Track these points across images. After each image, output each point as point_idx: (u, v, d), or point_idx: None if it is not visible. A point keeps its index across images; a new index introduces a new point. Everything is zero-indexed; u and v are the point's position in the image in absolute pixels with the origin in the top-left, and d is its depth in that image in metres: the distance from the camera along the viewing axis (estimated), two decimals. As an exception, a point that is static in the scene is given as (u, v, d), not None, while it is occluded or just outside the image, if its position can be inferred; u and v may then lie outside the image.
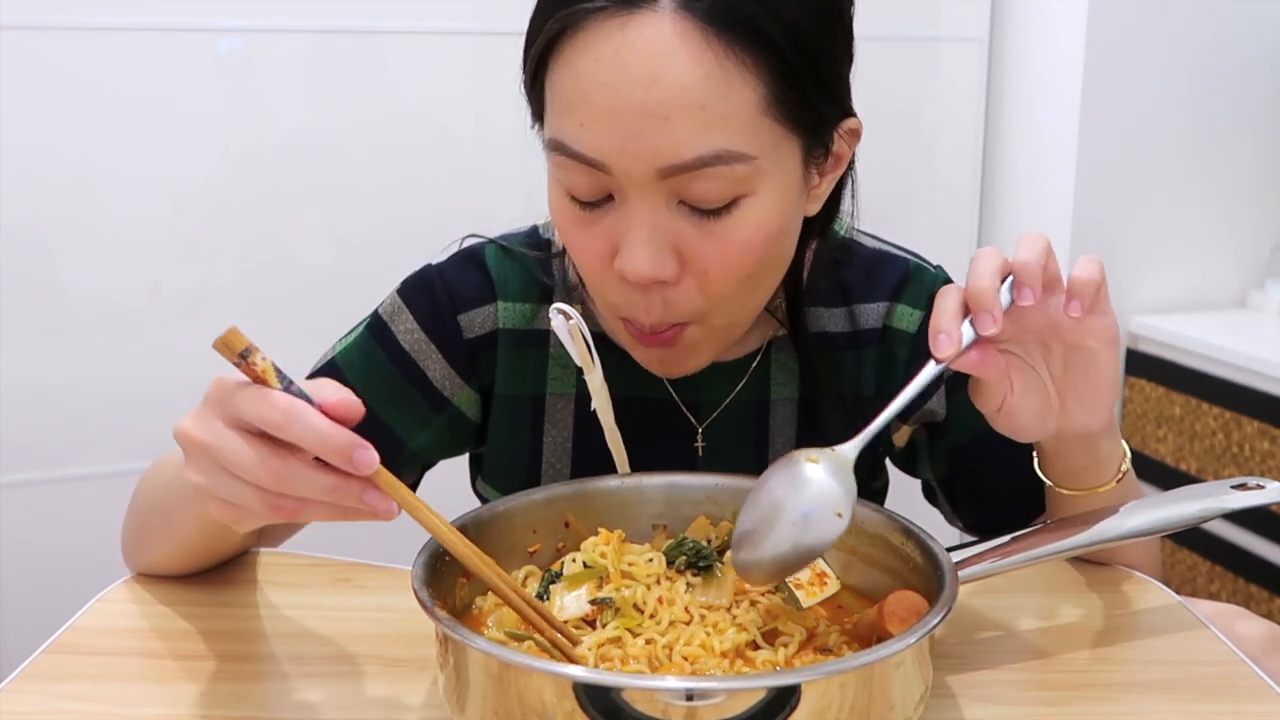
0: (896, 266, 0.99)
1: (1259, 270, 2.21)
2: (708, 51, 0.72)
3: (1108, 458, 0.85)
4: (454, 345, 0.95)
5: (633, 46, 0.72)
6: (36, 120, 1.71)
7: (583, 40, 0.74)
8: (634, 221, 0.77)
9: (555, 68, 0.77)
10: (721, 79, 0.73)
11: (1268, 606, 1.91)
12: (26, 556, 1.83)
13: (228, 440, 0.62)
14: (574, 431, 0.97)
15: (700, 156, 0.73)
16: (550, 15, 0.76)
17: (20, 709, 0.72)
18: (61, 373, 1.81)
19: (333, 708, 0.73)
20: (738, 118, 0.74)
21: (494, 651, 0.61)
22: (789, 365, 0.97)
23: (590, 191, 0.78)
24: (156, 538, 0.88)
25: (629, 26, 0.73)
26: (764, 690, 0.58)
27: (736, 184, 0.75)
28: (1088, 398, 0.78)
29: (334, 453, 0.61)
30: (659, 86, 0.72)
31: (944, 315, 0.72)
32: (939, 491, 1.03)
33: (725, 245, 0.77)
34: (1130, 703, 0.75)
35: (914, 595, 0.71)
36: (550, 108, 0.79)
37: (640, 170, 0.74)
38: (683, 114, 0.72)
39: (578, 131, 0.75)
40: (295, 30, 1.80)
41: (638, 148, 0.73)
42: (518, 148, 1.88)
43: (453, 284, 0.96)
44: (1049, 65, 2.08)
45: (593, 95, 0.74)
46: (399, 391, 0.95)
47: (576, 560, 0.77)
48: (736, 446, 0.97)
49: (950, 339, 0.71)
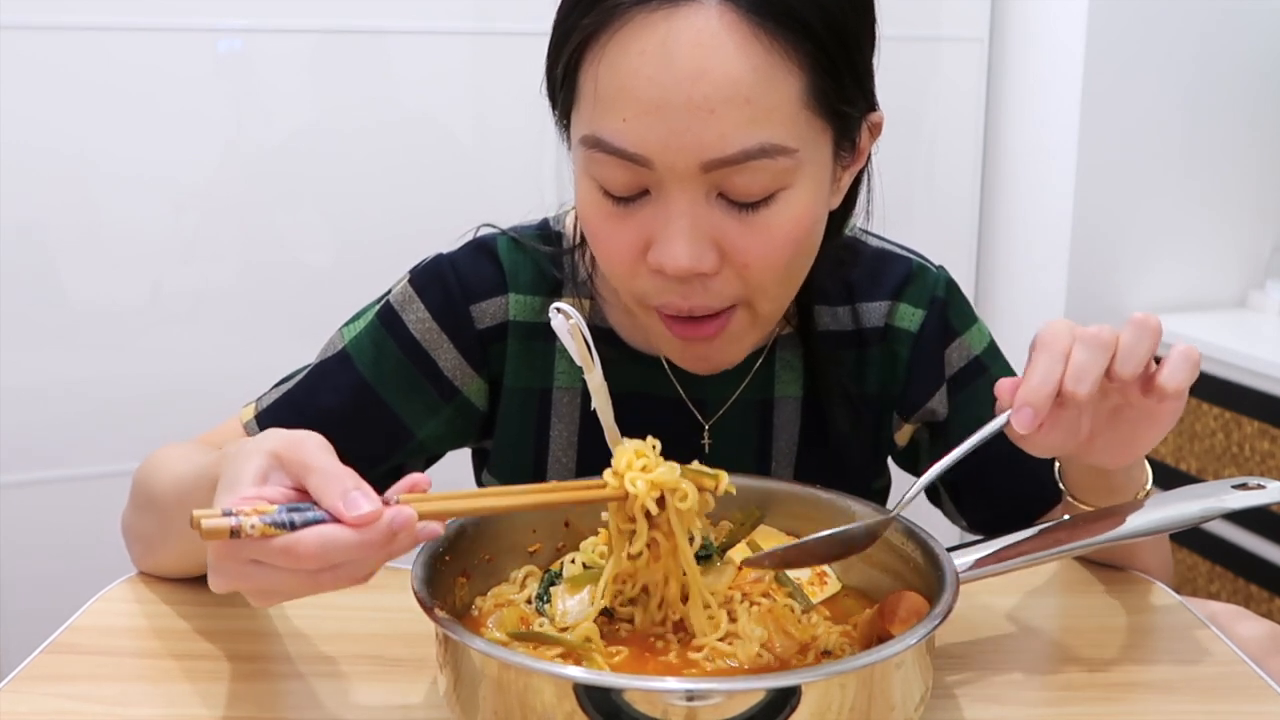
0: (899, 266, 0.99)
1: (1259, 270, 2.20)
2: (754, 44, 0.72)
3: (1126, 484, 0.85)
4: (466, 335, 0.95)
5: (679, 39, 0.72)
6: (36, 120, 1.71)
7: (625, 34, 0.73)
8: (673, 214, 0.76)
9: (593, 62, 0.75)
10: (767, 72, 0.72)
11: (1267, 606, 1.91)
12: (26, 556, 1.83)
13: (269, 576, 0.61)
14: (580, 426, 0.97)
15: (745, 150, 0.73)
16: (588, 10, 0.75)
17: (20, 709, 0.72)
18: (61, 373, 1.81)
19: (332, 708, 0.73)
20: (781, 111, 0.74)
21: (494, 653, 0.61)
22: (793, 363, 0.97)
23: (627, 187, 0.77)
24: (163, 545, 0.87)
25: (674, 19, 0.72)
26: (764, 691, 0.58)
27: (777, 177, 0.75)
28: (1118, 449, 0.78)
29: (379, 545, 0.60)
30: (705, 80, 0.72)
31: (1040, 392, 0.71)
32: (943, 491, 1.02)
33: (766, 238, 0.77)
34: (1131, 703, 0.75)
35: (915, 596, 0.71)
36: (585, 103, 0.77)
37: (684, 164, 0.74)
38: (729, 107, 0.72)
39: (620, 126, 0.74)
40: (295, 30, 1.80)
41: (682, 142, 0.73)
42: (517, 147, 1.89)
43: (465, 274, 0.95)
44: (1049, 65, 2.08)
45: (637, 90, 0.73)
46: (409, 381, 0.94)
47: (576, 561, 0.77)
48: (740, 444, 0.97)
49: (1037, 417, 0.71)
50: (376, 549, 0.61)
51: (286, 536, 0.59)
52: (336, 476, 0.61)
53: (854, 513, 0.81)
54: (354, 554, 0.60)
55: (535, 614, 0.76)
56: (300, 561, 0.59)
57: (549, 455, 0.98)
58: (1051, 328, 0.74)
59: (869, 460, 1.02)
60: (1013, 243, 2.21)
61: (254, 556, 0.60)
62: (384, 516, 0.60)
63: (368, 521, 0.60)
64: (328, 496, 0.61)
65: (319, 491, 0.61)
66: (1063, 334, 0.73)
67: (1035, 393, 0.71)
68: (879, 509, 0.80)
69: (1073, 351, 0.72)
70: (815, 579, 0.81)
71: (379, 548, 0.61)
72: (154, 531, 0.88)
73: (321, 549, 0.59)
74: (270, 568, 0.60)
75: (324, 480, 0.61)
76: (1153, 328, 0.72)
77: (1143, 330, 0.72)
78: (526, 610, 0.76)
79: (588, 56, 0.76)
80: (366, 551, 0.60)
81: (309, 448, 0.64)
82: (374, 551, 0.61)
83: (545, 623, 0.74)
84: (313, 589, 0.62)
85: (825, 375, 0.96)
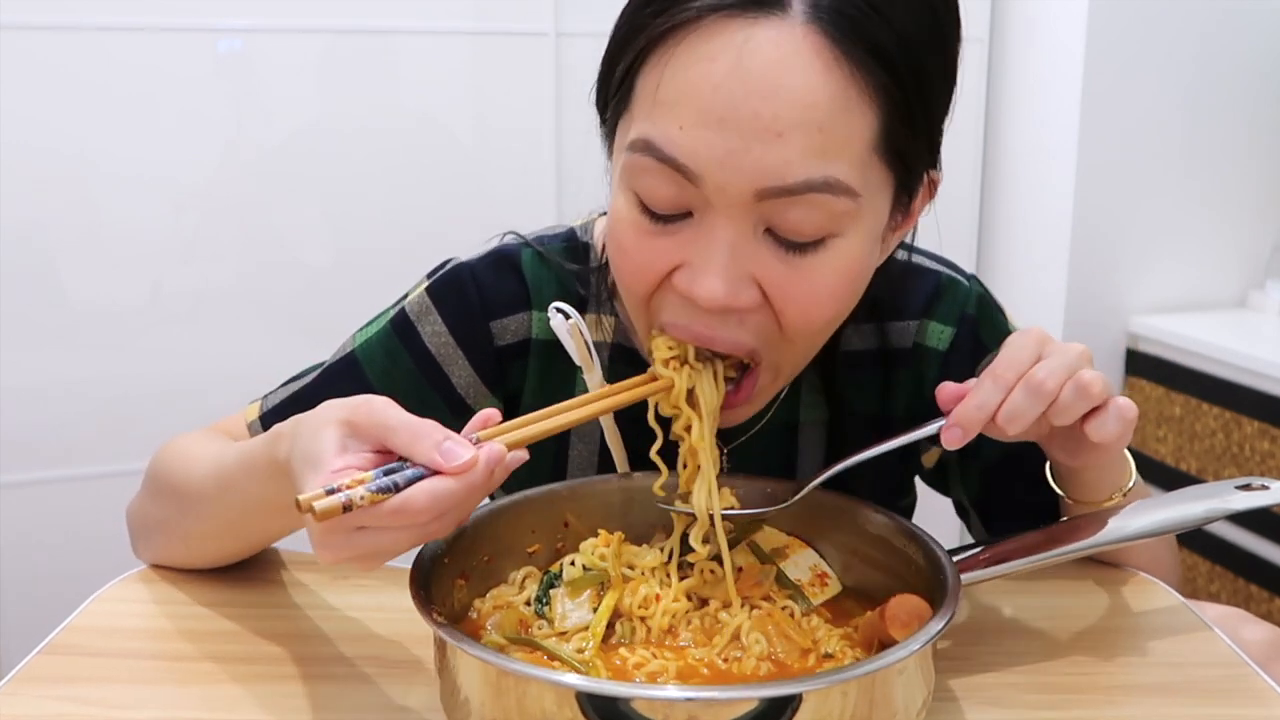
0: (927, 280, 0.95)
1: (1259, 270, 2.20)
2: (836, 70, 0.67)
3: (1099, 482, 0.85)
4: (483, 352, 0.92)
5: (758, 51, 0.66)
6: (36, 120, 1.71)
7: (698, 38, 0.68)
8: (716, 242, 0.71)
9: (657, 65, 0.70)
10: (844, 102, 0.67)
11: (1268, 607, 1.91)
12: (26, 556, 1.83)
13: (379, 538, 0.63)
14: (600, 446, 0.95)
15: (809, 181, 0.68)
16: (661, 10, 0.70)
17: (17, 712, 0.72)
18: (61, 373, 1.81)
19: (331, 709, 0.73)
20: (851, 148, 0.69)
21: (492, 660, 0.60)
22: (819, 386, 0.94)
23: (669, 204, 0.72)
24: (190, 533, 0.86)
25: (755, 28, 0.67)
26: (765, 698, 0.58)
27: (833, 220, 0.70)
28: (1071, 453, 0.79)
29: (481, 487, 0.64)
30: (778, 99, 0.66)
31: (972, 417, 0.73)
32: (972, 511, 1.00)
33: (810, 285, 0.72)
34: (1133, 705, 0.74)
35: (916, 599, 0.71)
36: (640, 106, 0.72)
37: (737, 187, 0.68)
38: (799, 133, 0.67)
39: (675, 134, 0.69)
40: (295, 30, 1.80)
41: (740, 162, 0.67)
42: (518, 147, 1.89)
43: (486, 288, 0.92)
44: (1049, 65, 2.07)
45: (703, 98, 0.67)
46: (420, 395, 0.92)
47: (575, 563, 0.77)
48: (763, 467, 0.93)
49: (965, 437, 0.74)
50: (479, 490, 0.63)
51: (396, 499, 0.61)
52: (424, 431, 0.64)
53: (858, 514, 0.81)
54: (461, 499, 0.63)
55: (534, 616, 0.75)
56: (414, 518, 0.61)
57: (567, 475, 0.96)
58: (1012, 348, 0.74)
59: (895, 482, 1.00)
60: (1013, 243, 2.21)
61: (363, 523, 0.62)
62: (480, 458, 0.63)
63: (469, 468, 0.63)
64: (422, 450, 0.63)
65: (409, 448, 0.63)
66: (1018, 362, 0.73)
67: (968, 417, 0.73)
68: (879, 509, 0.80)
69: (1013, 391, 0.72)
70: (816, 581, 0.81)
71: (481, 488, 0.63)
72: (177, 520, 0.87)
73: (433, 502, 0.61)
74: (380, 531, 0.62)
75: (411, 436, 0.63)
76: (1093, 395, 0.73)
77: (1083, 395, 0.72)
78: (525, 612, 0.76)
79: (652, 59, 0.71)
80: (471, 494, 0.63)
81: (379, 407, 0.65)
82: (477, 493, 0.64)
83: (545, 625, 0.74)
84: (423, 540, 0.65)
85: (846, 400, 0.94)
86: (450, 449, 0.62)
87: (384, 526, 0.62)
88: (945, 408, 0.75)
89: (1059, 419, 0.73)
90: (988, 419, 0.73)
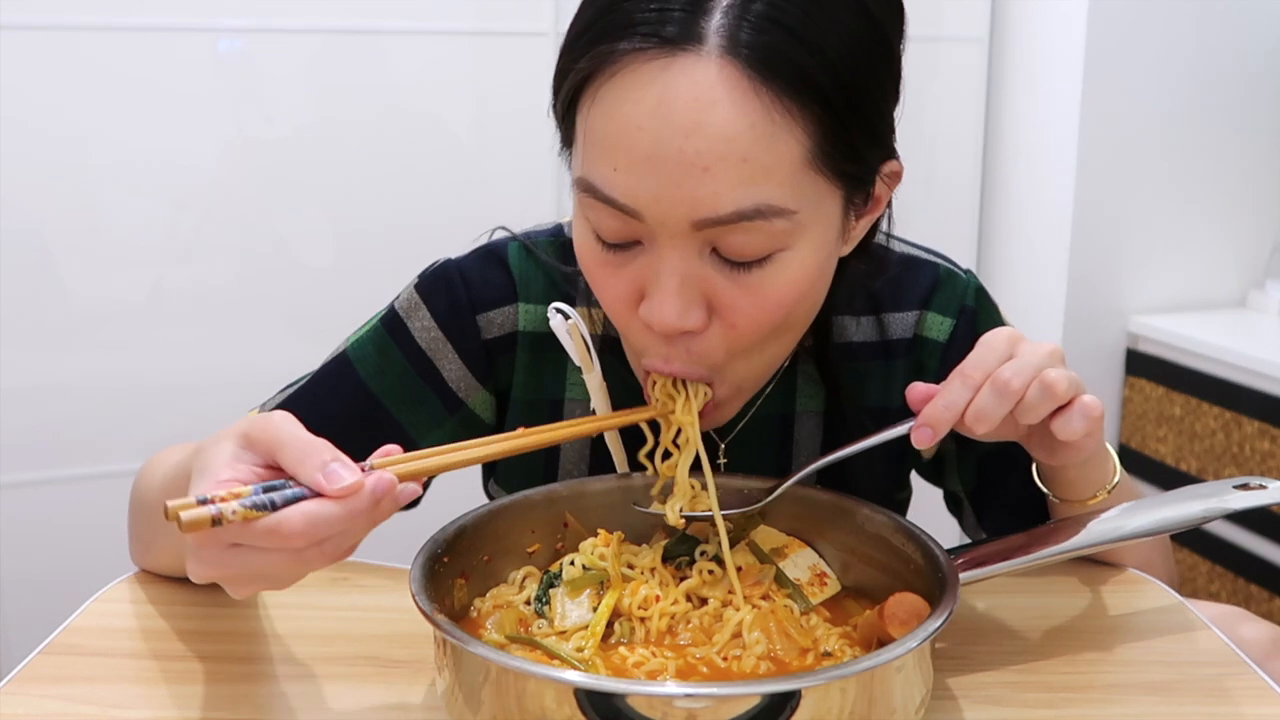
0: (926, 272, 0.96)
1: (1259, 270, 2.20)
2: (754, 100, 0.68)
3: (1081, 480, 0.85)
4: (471, 345, 0.93)
5: (675, 91, 0.68)
6: (36, 120, 1.71)
7: (620, 81, 0.69)
8: (664, 270, 0.73)
9: (588, 105, 0.72)
10: (766, 130, 0.68)
11: (1267, 606, 1.91)
12: (26, 556, 1.83)
13: (253, 560, 0.60)
14: (592, 439, 0.95)
15: (739, 210, 0.69)
16: (585, 52, 0.71)
17: (17, 712, 0.72)
18: (61, 373, 1.81)
19: (331, 709, 0.73)
20: (780, 171, 0.70)
21: (492, 657, 0.61)
22: (816, 376, 0.95)
23: (618, 235, 0.74)
24: (159, 545, 0.87)
25: (671, 69, 0.68)
26: (763, 695, 0.58)
27: (774, 238, 0.72)
28: (1046, 452, 0.80)
29: (364, 515, 0.60)
30: (700, 136, 0.68)
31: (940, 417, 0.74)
32: (966, 502, 1.01)
33: (758, 298, 0.74)
34: (1131, 704, 0.74)
35: (915, 598, 0.71)
36: (581, 145, 0.74)
37: (674, 220, 0.70)
38: (723, 166, 0.68)
39: (610, 176, 0.71)
40: (295, 30, 1.80)
41: (674, 197, 0.69)
42: (517, 147, 1.89)
43: (473, 282, 0.93)
44: (1049, 65, 2.07)
45: (629, 140, 0.69)
46: (414, 391, 0.92)
47: (575, 563, 0.77)
48: (759, 459, 0.95)
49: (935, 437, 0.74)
50: (362, 519, 0.60)
51: (270, 517, 0.57)
52: (312, 449, 0.60)
53: (856, 513, 0.81)
54: (340, 527, 0.59)
55: (534, 615, 0.76)
56: (287, 541, 0.58)
57: (559, 468, 0.96)
58: (983, 348, 0.75)
59: (892, 474, 1.01)
60: (1013, 243, 2.21)
61: (236, 541, 0.59)
62: (366, 485, 0.60)
63: (351, 493, 0.59)
64: (306, 471, 0.60)
65: (295, 466, 0.60)
66: (987, 362, 0.74)
67: (937, 417, 0.74)
68: (878, 509, 0.80)
69: (980, 391, 0.73)
70: (815, 580, 0.81)
71: (364, 517, 0.60)
72: (147, 531, 0.88)
73: (308, 525, 0.58)
74: (254, 551, 0.59)
75: (299, 454, 0.60)
76: (1058, 394, 0.73)
77: (1047, 394, 0.73)
78: (525, 612, 0.76)
79: (583, 99, 0.73)
80: (353, 523, 0.59)
81: (276, 422, 0.62)
82: (360, 522, 0.60)
83: (544, 624, 0.75)
84: (299, 569, 0.61)
85: (843, 389, 0.94)
86: (335, 471, 0.59)
87: (257, 546, 0.58)
88: (915, 408, 0.75)
89: (1025, 417, 0.74)
90: (956, 418, 0.73)
